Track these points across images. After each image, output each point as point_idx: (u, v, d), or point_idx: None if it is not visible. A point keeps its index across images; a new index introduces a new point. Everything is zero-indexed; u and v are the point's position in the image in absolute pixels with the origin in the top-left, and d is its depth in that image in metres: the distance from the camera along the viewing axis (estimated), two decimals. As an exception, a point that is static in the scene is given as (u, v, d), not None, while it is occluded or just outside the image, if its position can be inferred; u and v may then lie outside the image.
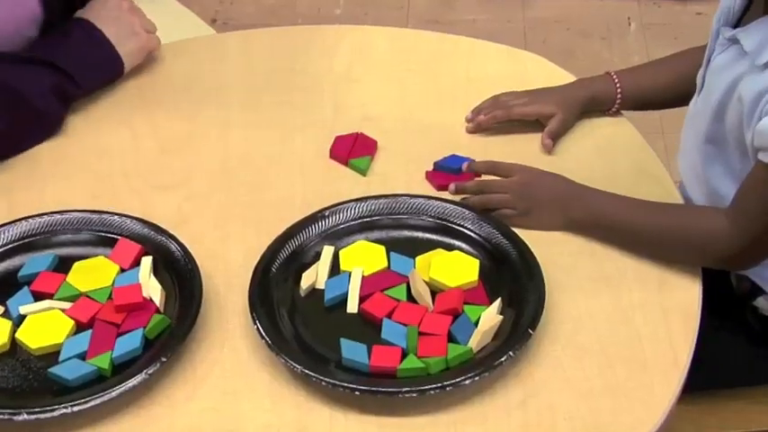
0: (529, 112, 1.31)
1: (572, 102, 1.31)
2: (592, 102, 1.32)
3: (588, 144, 1.31)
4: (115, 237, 1.16)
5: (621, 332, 1.07)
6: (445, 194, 1.22)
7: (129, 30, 1.38)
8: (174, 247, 1.14)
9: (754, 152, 1.08)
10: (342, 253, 1.15)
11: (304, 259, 1.14)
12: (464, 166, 1.21)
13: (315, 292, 1.11)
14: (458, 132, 1.33)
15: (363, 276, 1.12)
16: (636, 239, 1.13)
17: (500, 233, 1.15)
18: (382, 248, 1.15)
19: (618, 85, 1.31)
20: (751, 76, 1.10)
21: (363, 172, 1.27)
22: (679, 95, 1.29)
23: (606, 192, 1.16)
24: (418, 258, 1.13)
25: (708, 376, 1.17)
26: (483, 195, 1.18)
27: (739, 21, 1.16)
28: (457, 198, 1.21)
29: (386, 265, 1.13)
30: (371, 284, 1.11)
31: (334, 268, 1.14)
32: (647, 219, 1.13)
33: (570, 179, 1.18)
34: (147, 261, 1.13)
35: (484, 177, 1.22)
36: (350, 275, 1.12)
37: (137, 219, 1.17)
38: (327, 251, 1.15)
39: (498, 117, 1.31)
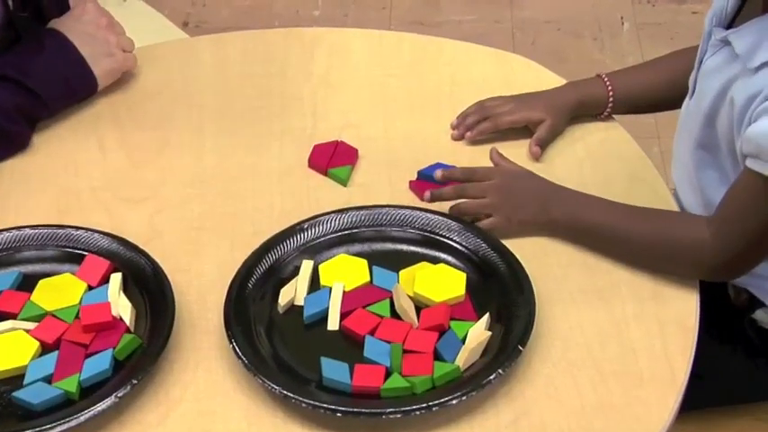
0: (517, 119, 1.31)
1: (561, 106, 1.32)
2: (582, 106, 1.33)
3: (579, 150, 1.32)
4: (82, 253, 1.16)
5: (615, 347, 1.08)
6: (430, 205, 1.22)
7: (104, 49, 1.37)
8: (144, 262, 1.14)
9: (743, 158, 1.09)
10: (322, 267, 1.15)
11: (282, 274, 1.15)
12: (437, 173, 1.21)
13: (293, 309, 1.12)
14: (442, 140, 1.34)
15: (344, 292, 1.12)
16: (615, 244, 1.14)
17: (488, 245, 1.16)
18: (364, 262, 1.15)
19: (609, 87, 1.32)
20: (743, 79, 1.11)
21: (344, 182, 1.28)
22: (673, 98, 1.30)
23: (586, 194, 1.18)
24: (402, 272, 1.13)
25: (706, 392, 1.17)
26: (461, 202, 1.19)
27: (732, 21, 1.17)
28: (443, 208, 1.21)
29: (368, 279, 1.14)
30: (353, 300, 1.11)
31: (314, 283, 1.14)
32: (626, 222, 1.14)
33: (548, 180, 1.20)
34: (116, 278, 1.13)
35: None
36: (330, 291, 1.12)
37: (105, 233, 1.17)
38: (306, 266, 1.15)
39: (486, 130, 1.31)
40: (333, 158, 1.30)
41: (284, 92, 1.43)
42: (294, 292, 1.12)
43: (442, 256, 1.16)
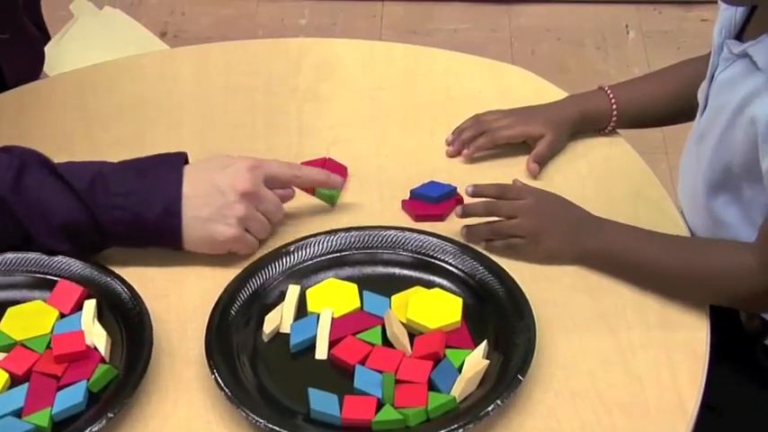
0: (515, 134, 1.32)
1: (562, 121, 1.32)
2: (584, 120, 1.34)
3: (581, 167, 1.33)
4: (53, 278, 1.16)
5: (621, 376, 1.08)
6: (423, 226, 1.23)
7: (221, 213, 1.16)
8: (120, 288, 1.14)
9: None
10: (309, 292, 1.15)
11: (267, 300, 1.15)
12: (468, 189, 1.21)
13: (279, 337, 1.12)
14: (437, 156, 1.35)
15: (333, 318, 1.13)
16: (650, 276, 1.14)
17: (485, 268, 1.16)
18: (354, 287, 1.16)
19: (613, 100, 1.33)
20: (763, 94, 1.10)
21: (332, 202, 1.28)
22: (681, 110, 1.31)
23: (621, 223, 1.17)
24: (394, 297, 1.14)
25: (718, 424, 1.18)
26: (493, 221, 1.19)
27: (741, 31, 1.18)
28: (437, 229, 1.22)
29: (358, 305, 1.14)
30: (342, 327, 1.12)
31: (301, 310, 1.14)
32: (663, 254, 1.14)
33: (583, 208, 1.20)
34: (89, 305, 1.13)
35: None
36: (318, 318, 1.13)
37: (79, 259, 1.18)
38: (293, 291, 1.15)
39: (482, 146, 1.32)
40: (320, 177, 1.31)
41: (269, 106, 1.44)
42: (280, 318, 1.13)
43: (437, 280, 1.17)
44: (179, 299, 1.17)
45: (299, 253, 1.19)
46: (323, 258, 1.19)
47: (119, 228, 1.16)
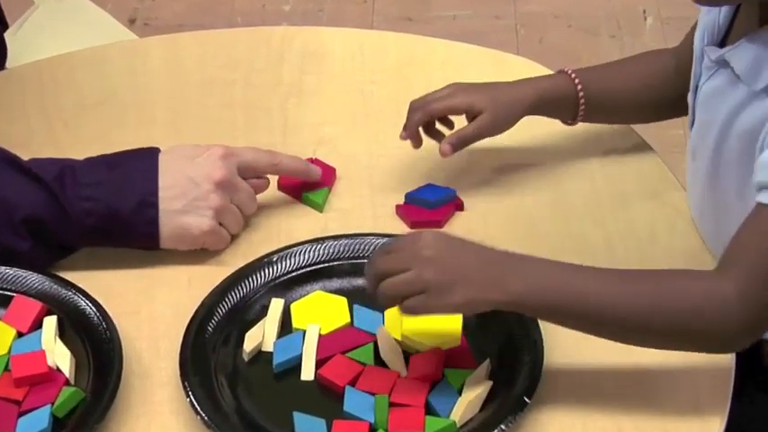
0: (451, 105, 1.27)
1: (511, 102, 1.27)
2: (542, 104, 1.28)
3: (593, 162, 1.33)
4: (9, 294, 1.17)
5: (638, 399, 1.09)
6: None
7: (196, 205, 1.18)
8: (83, 303, 1.15)
9: (754, 191, 1.05)
10: (294, 307, 1.16)
11: (247, 315, 1.16)
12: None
13: (261, 356, 1.13)
14: (434, 157, 1.35)
15: (321, 335, 1.13)
16: (600, 320, 1.03)
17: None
18: (344, 301, 1.17)
19: (579, 85, 1.28)
20: (751, 105, 1.10)
21: (320, 207, 1.29)
22: (648, 107, 1.31)
23: (556, 261, 1.05)
24: (387, 312, 1.14)
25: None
26: (382, 283, 1.03)
27: (725, 37, 1.17)
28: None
29: (348, 320, 1.15)
30: (331, 345, 1.12)
31: (285, 326, 1.15)
32: (614, 290, 1.02)
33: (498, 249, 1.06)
34: (50, 322, 1.13)
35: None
36: (304, 335, 1.14)
37: (38, 271, 1.18)
38: (276, 305, 1.16)
39: (418, 121, 1.28)
40: (307, 180, 1.31)
41: (249, 102, 1.45)
42: (262, 336, 1.14)
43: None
44: (150, 314, 1.18)
45: (283, 263, 1.20)
46: (309, 269, 1.20)
47: (89, 221, 1.16)
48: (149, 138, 1.39)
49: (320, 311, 1.16)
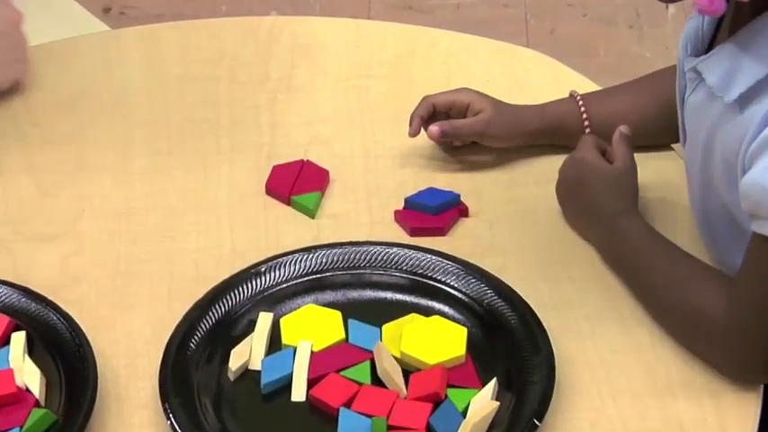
0: (456, 98, 1.33)
1: (511, 117, 1.33)
2: (545, 132, 1.34)
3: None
4: (-25, 307, 1.17)
5: (657, 422, 1.09)
6: (420, 241, 1.25)
7: (13, 54, 1.38)
8: (55, 318, 1.15)
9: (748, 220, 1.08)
10: (284, 321, 1.17)
11: (233, 331, 1.16)
12: None
13: (248, 375, 1.13)
14: (436, 158, 1.36)
15: (313, 352, 1.14)
16: (636, 280, 1.18)
17: (495, 292, 1.18)
18: (338, 315, 1.17)
19: (582, 107, 1.33)
20: (728, 122, 1.11)
21: (311, 212, 1.30)
22: (663, 128, 1.32)
23: (642, 220, 1.21)
24: (385, 327, 1.15)
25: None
26: None
27: (710, 47, 1.17)
28: (437, 244, 1.23)
29: (343, 336, 1.15)
30: (324, 363, 1.13)
31: (274, 342, 1.16)
32: (652, 255, 1.17)
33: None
34: (18, 338, 1.14)
35: None
36: (294, 352, 1.14)
37: (4, 282, 1.19)
38: (264, 319, 1.17)
39: (420, 111, 1.33)
40: (297, 183, 1.32)
41: (234, 99, 1.45)
42: (249, 353, 1.14)
43: (437, 306, 1.18)
44: (127, 330, 1.19)
45: (272, 274, 1.20)
46: (300, 281, 1.20)
47: None
48: (125, 138, 1.40)
49: (312, 326, 1.16)
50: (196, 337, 1.14)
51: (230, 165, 1.37)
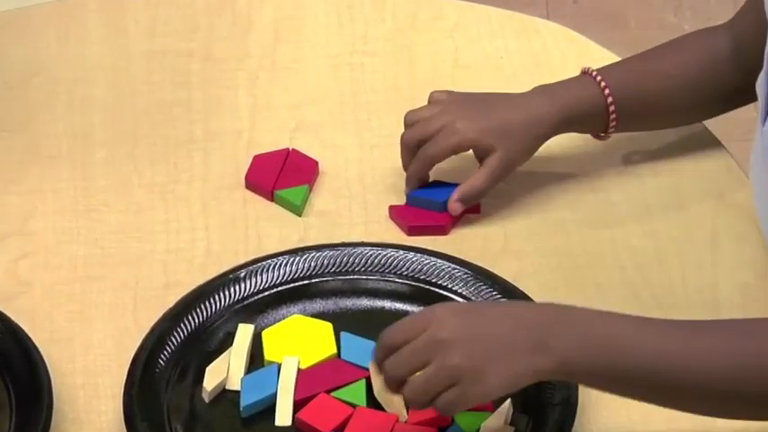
0: (457, 144, 1.27)
1: (524, 127, 1.27)
2: (566, 123, 1.29)
3: (638, 160, 1.35)
4: None
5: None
6: (420, 241, 1.25)
7: None
8: (2, 330, 1.15)
9: None
10: (266, 334, 1.18)
11: (209, 345, 1.17)
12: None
13: (225, 396, 1.14)
14: (442, 146, 1.37)
15: (300, 370, 1.14)
16: (672, 383, 1.01)
17: (506, 298, 1.18)
18: (328, 327, 1.18)
19: (606, 89, 1.28)
20: None
21: (298, 209, 1.31)
22: (693, 104, 1.31)
23: (611, 312, 1.04)
24: (383, 341, 1.16)
25: None
26: (404, 390, 1.03)
27: None
28: (442, 243, 1.24)
29: (334, 351, 1.16)
30: (312, 382, 1.13)
31: (255, 358, 1.16)
32: (681, 345, 1.01)
33: (528, 301, 1.14)
34: (-38, 354, 1.14)
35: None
36: (279, 369, 1.15)
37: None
38: (244, 332, 1.17)
39: (419, 174, 1.29)
40: (281, 175, 1.33)
41: (209, 78, 1.46)
42: (226, 371, 1.15)
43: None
44: (86, 344, 1.19)
45: (253, 280, 1.21)
46: (285, 288, 1.21)
47: None
48: (85, 122, 1.40)
49: (299, 340, 1.16)
50: (166, 353, 1.15)
51: (204, 154, 1.38)
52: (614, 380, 1.02)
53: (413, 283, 1.21)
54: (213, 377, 1.14)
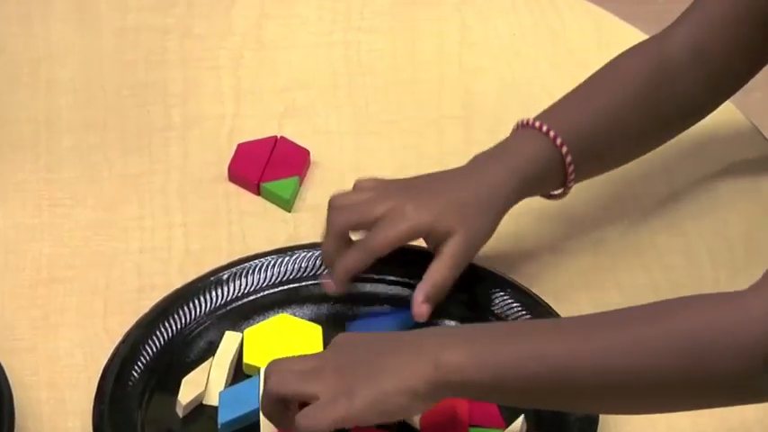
0: (409, 233, 1.19)
1: (481, 204, 1.21)
2: (525, 189, 1.24)
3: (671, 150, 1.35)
4: None
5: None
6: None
7: None
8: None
9: None
10: (248, 334, 1.18)
11: (187, 355, 1.17)
12: None
13: (203, 411, 1.14)
14: (444, 134, 1.38)
15: (288, 382, 1.15)
16: (575, 388, 1.02)
17: (522, 306, 1.19)
18: (318, 329, 1.18)
19: (557, 140, 1.22)
20: None
21: (287, 204, 1.31)
22: (650, 135, 1.29)
23: (511, 322, 1.11)
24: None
25: None
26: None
27: None
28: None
29: (326, 361, 1.17)
30: (302, 396, 1.14)
31: (238, 370, 1.17)
32: (581, 344, 1.02)
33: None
34: None
35: None
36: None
37: None
38: (230, 340, 1.18)
39: (359, 266, 1.19)
40: (269, 166, 1.33)
41: (188, 58, 1.46)
42: (205, 383, 1.15)
43: (446, 322, 1.19)
44: (52, 354, 1.20)
45: (237, 282, 1.21)
46: (273, 291, 1.21)
47: None
48: (50, 109, 1.40)
49: (284, 343, 1.16)
50: (140, 364, 1.15)
51: (183, 143, 1.38)
52: (520, 390, 1.02)
53: (413, 283, 1.19)
54: (189, 390, 1.14)
